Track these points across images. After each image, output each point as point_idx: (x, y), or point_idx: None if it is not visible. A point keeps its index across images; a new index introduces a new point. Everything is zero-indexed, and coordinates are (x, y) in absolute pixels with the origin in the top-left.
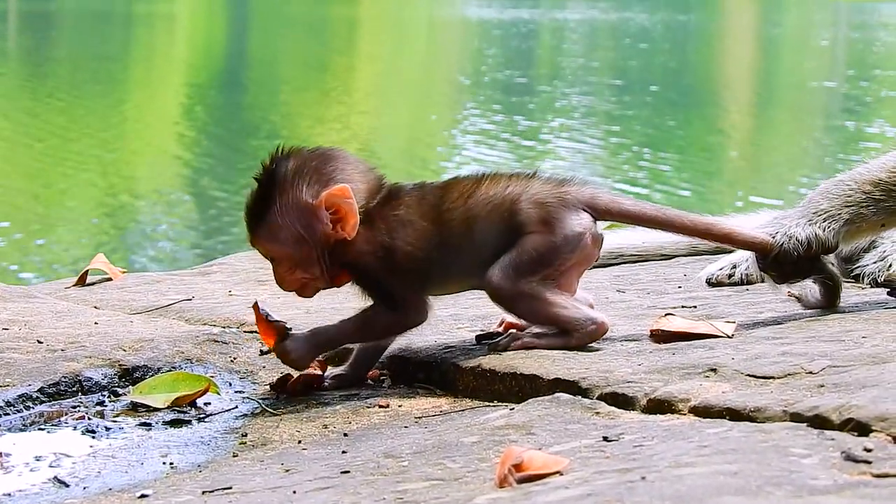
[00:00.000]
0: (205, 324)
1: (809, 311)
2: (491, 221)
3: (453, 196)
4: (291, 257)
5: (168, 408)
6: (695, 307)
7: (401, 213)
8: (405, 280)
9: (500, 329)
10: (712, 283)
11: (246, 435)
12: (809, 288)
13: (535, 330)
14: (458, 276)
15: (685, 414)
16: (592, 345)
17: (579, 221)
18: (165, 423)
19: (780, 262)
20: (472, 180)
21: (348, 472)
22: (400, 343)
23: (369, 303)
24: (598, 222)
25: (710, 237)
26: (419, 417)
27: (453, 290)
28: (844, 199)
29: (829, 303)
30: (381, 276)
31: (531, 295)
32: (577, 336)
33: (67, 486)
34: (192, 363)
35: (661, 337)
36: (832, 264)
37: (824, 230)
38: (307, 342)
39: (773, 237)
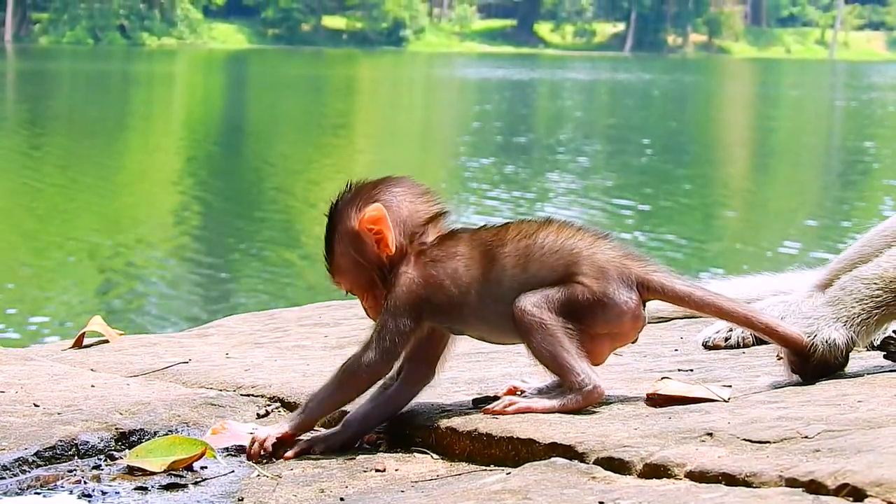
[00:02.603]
0: (201, 387)
1: None
2: (544, 265)
3: (511, 234)
4: (358, 283)
5: (164, 472)
6: (691, 370)
7: (451, 248)
8: (422, 315)
9: (504, 394)
10: (709, 347)
11: (242, 499)
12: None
13: (542, 388)
14: (497, 316)
15: (681, 479)
16: (588, 408)
17: (626, 298)
18: (162, 487)
19: (816, 369)
20: (536, 223)
21: None
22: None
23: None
24: (645, 305)
25: (750, 325)
26: (416, 481)
27: (483, 334)
28: (874, 300)
29: None
30: (402, 304)
31: (551, 330)
32: (576, 397)
33: None
34: (188, 427)
35: (657, 401)
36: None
37: (858, 333)
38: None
39: (812, 340)
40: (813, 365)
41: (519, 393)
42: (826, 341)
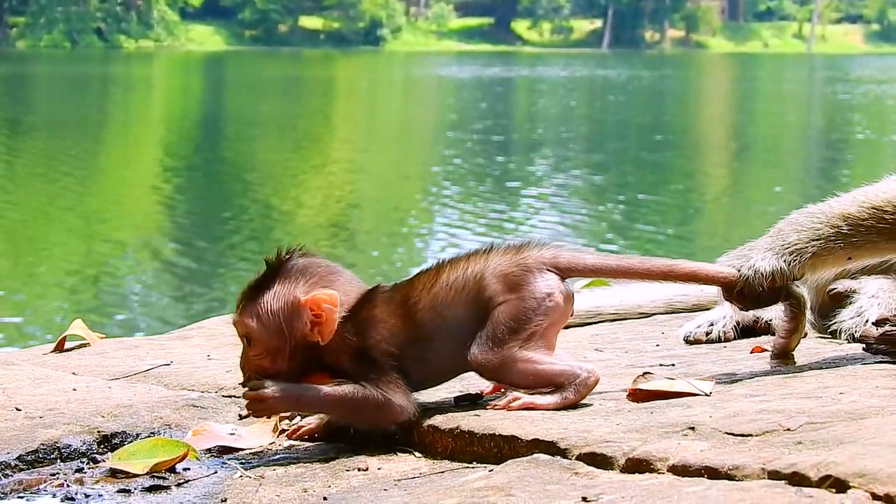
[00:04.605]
0: (183, 388)
1: (787, 366)
2: (458, 305)
3: (417, 290)
4: (266, 344)
5: (147, 474)
6: (673, 365)
7: (369, 314)
8: (386, 376)
9: (490, 391)
10: (690, 341)
11: (225, 500)
12: (775, 327)
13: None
14: (442, 367)
15: (664, 473)
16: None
17: (546, 283)
18: (144, 489)
19: (744, 295)
20: (432, 271)
21: None
22: None
23: None
24: (566, 280)
25: (674, 278)
26: (398, 480)
27: (441, 380)
28: (813, 232)
29: (794, 326)
30: (363, 375)
31: (516, 359)
32: (574, 388)
33: None
34: (170, 429)
35: (639, 396)
36: (797, 286)
37: (789, 264)
38: (291, 391)
39: (739, 270)
40: (737, 292)
41: (505, 389)
42: (751, 268)
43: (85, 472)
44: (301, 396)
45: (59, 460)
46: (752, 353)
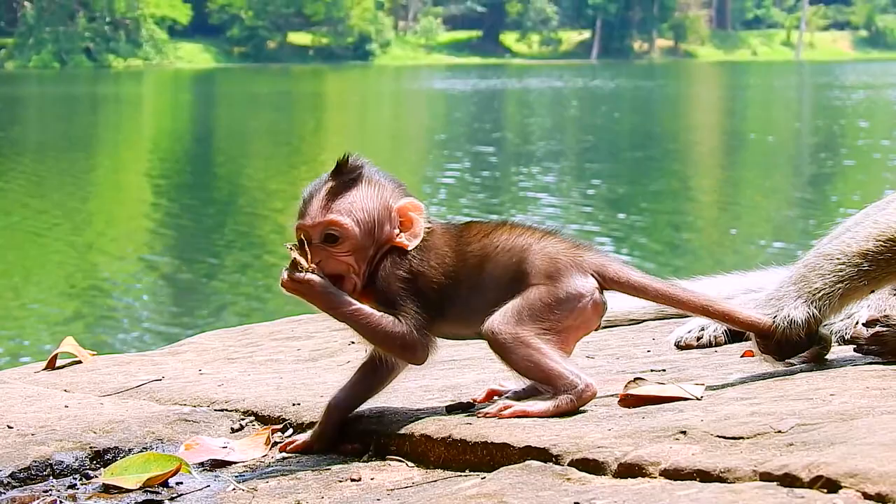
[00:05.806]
0: (175, 403)
1: (779, 369)
2: (498, 264)
3: (472, 232)
4: (356, 241)
5: (140, 488)
6: (664, 370)
7: (429, 239)
8: (421, 306)
9: (482, 398)
10: (681, 346)
11: None
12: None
13: (519, 392)
14: (464, 315)
15: (656, 477)
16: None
17: (584, 284)
18: (138, 503)
19: (781, 346)
20: (494, 224)
21: None
22: (371, 414)
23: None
24: (604, 291)
25: (710, 315)
26: (391, 490)
27: (456, 332)
28: (837, 274)
29: (815, 360)
30: (404, 307)
31: (528, 344)
32: (568, 398)
33: None
34: (163, 443)
35: (630, 401)
36: (823, 329)
37: (820, 309)
38: (331, 289)
39: (773, 320)
40: (775, 343)
41: (497, 396)
42: (786, 319)
43: (78, 489)
44: (339, 301)
45: (51, 477)
46: (742, 357)
